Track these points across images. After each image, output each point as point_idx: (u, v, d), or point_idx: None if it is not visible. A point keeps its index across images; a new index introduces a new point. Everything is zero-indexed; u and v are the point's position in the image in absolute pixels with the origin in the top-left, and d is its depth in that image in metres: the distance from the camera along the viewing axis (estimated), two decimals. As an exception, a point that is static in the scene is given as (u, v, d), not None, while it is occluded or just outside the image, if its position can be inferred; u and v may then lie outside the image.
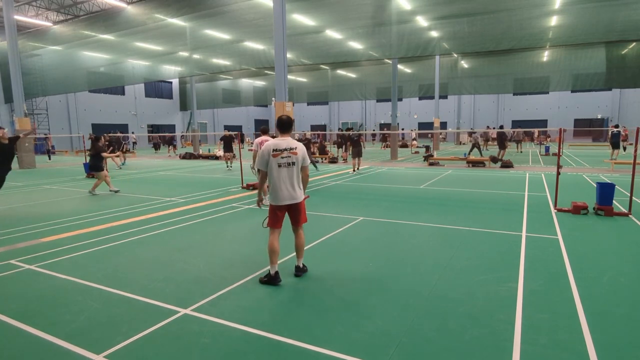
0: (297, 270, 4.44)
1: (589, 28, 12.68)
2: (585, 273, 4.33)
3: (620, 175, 12.30)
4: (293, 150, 4.14)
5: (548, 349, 2.86)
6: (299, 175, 4.24)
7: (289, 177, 4.15)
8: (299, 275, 4.39)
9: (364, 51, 16.47)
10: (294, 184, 4.18)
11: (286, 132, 4.27)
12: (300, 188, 4.28)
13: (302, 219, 4.35)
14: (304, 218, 4.37)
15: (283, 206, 4.22)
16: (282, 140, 4.17)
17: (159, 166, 18.70)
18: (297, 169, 4.19)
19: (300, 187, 4.26)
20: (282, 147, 4.12)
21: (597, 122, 39.67)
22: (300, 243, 4.40)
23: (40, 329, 3.27)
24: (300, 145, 4.23)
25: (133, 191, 10.76)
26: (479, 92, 28.05)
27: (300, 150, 4.19)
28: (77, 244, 5.70)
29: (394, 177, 13.19)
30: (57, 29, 21.08)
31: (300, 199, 4.26)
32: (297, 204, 4.26)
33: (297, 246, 4.43)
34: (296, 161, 4.16)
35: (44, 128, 31.51)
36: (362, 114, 51.56)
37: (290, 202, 4.20)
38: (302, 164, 4.24)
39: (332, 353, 2.83)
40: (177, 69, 20.86)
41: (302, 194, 4.29)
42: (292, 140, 4.22)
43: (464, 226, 6.43)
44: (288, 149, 4.13)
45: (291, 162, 4.14)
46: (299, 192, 4.25)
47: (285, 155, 4.12)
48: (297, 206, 4.27)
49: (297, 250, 4.44)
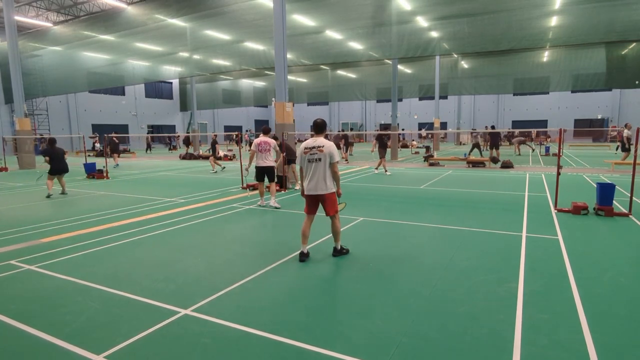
0: (334, 251, 5.03)
1: (589, 28, 12.68)
2: (586, 273, 4.33)
3: (620, 175, 12.30)
4: (320, 148, 4.72)
5: (548, 349, 2.86)
6: (327, 171, 4.74)
7: (316, 171, 4.74)
8: (335, 256, 5.00)
9: (364, 51, 16.48)
10: (319, 177, 4.73)
11: (319, 132, 4.89)
12: (327, 182, 4.76)
13: (331, 209, 4.84)
14: (333, 209, 4.84)
15: (311, 196, 4.85)
16: (313, 140, 4.81)
17: (159, 166, 18.71)
18: (323, 165, 4.72)
19: (327, 182, 4.76)
20: (312, 145, 4.76)
21: (597, 122, 39.65)
22: (333, 230, 4.96)
23: (40, 329, 3.27)
24: (327, 144, 4.75)
25: (133, 191, 10.77)
26: (479, 92, 28.05)
27: (326, 148, 4.71)
28: (77, 244, 5.70)
29: (394, 177, 13.19)
30: (57, 30, 21.09)
31: (325, 192, 4.76)
32: (323, 195, 4.78)
33: (332, 232, 5.01)
34: (322, 157, 4.71)
35: (44, 128, 31.52)
36: (362, 115, 51.56)
37: (315, 193, 4.78)
38: (330, 161, 4.73)
39: (332, 353, 2.83)
40: (177, 69, 20.88)
41: (329, 188, 4.78)
42: (322, 140, 4.80)
43: (464, 226, 6.43)
44: (316, 147, 4.73)
45: (317, 159, 4.73)
46: (325, 186, 4.75)
47: (313, 152, 4.73)
48: (322, 198, 4.79)
49: (333, 235, 5.01)
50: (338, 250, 5.03)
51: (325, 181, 4.74)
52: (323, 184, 4.75)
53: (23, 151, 18.25)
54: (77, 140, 33.23)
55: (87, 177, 14.10)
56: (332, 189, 4.81)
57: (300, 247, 4.92)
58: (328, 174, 4.75)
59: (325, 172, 4.74)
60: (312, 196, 4.83)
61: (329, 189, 4.77)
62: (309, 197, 4.87)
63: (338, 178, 4.85)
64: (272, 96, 27.11)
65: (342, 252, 5.06)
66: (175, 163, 20.64)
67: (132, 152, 28.22)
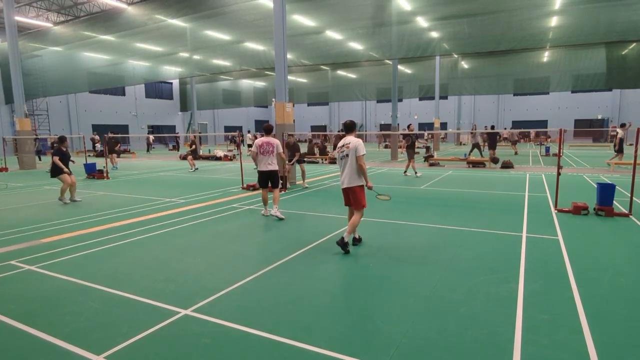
0: (340, 240, 5.16)
1: (589, 29, 12.69)
2: (586, 273, 4.33)
3: (620, 175, 12.30)
4: (347, 145, 5.18)
5: (548, 350, 2.86)
6: (353, 166, 5.14)
7: (344, 166, 5.24)
8: (355, 245, 5.41)
9: (364, 52, 16.48)
10: (347, 172, 5.19)
11: (349, 132, 5.31)
12: (353, 177, 5.14)
13: (355, 203, 5.22)
14: (357, 203, 5.20)
15: (343, 189, 5.33)
16: (343, 139, 5.29)
17: (159, 167, 18.71)
18: (350, 161, 5.14)
19: (353, 176, 5.15)
20: (342, 143, 5.26)
21: (598, 122, 39.65)
22: (351, 221, 5.24)
23: (41, 329, 3.27)
24: (354, 141, 5.16)
25: (133, 192, 10.77)
26: (479, 92, 28.04)
27: (352, 144, 5.13)
28: (78, 245, 5.70)
29: (394, 177, 13.18)
30: (57, 30, 21.10)
31: (351, 185, 5.18)
32: (350, 189, 5.21)
33: (348, 222, 5.30)
34: (349, 154, 5.13)
35: (44, 129, 31.53)
36: (363, 115, 51.57)
37: (344, 186, 5.28)
38: (356, 154, 5.09)
39: (332, 354, 2.83)
40: (178, 69, 20.89)
41: (354, 182, 5.15)
42: (350, 138, 5.24)
43: (464, 227, 6.43)
44: (345, 144, 5.21)
45: (346, 155, 5.19)
46: (352, 180, 5.16)
47: (343, 150, 5.22)
48: (351, 191, 5.21)
49: (348, 225, 5.26)
50: (345, 242, 5.08)
51: (352, 175, 5.16)
52: (349, 179, 5.18)
53: (23, 151, 18.26)
54: (78, 140, 33.24)
55: (88, 177, 14.10)
56: (358, 183, 5.18)
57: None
58: (354, 169, 5.14)
59: (352, 167, 5.14)
60: (344, 190, 5.31)
61: (354, 183, 5.17)
62: (343, 191, 5.36)
63: (364, 171, 5.14)
64: (272, 96, 27.13)
65: (345, 244, 5.10)
66: (175, 163, 20.64)
67: (132, 153, 28.22)
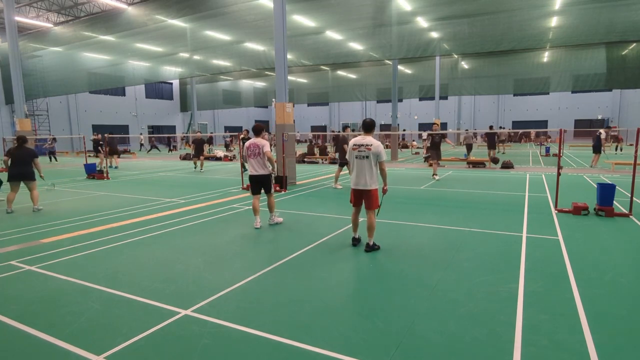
0: (366, 247, 5.18)
1: (589, 29, 12.68)
2: (586, 274, 4.33)
3: (620, 175, 12.29)
4: (368, 146, 5.02)
5: (549, 350, 2.86)
6: (372, 168, 5.04)
7: (362, 167, 5.07)
8: (368, 251, 5.14)
9: (364, 52, 16.48)
10: (365, 173, 5.05)
11: (368, 131, 5.18)
12: (372, 179, 5.05)
13: (370, 205, 5.12)
14: (374, 204, 5.12)
15: (356, 190, 5.19)
16: (362, 138, 5.12)
17: (159, 167, 18.72)
18: (369, 162, 5.02)
19: (372, 178, 5.05)
20: (360, 143, 5.07)
21: (598, 122, 39.64)
22: (368, 224, 5.16)
23: (41, 330, 3.27)
24: (376, 143, 5.02)
25: (133, 192, 10.77)
26: (480, 92, 28.05)
27: (374, 147, 5.00)
28: (78, 245, 5.70)
29: (394, 178, 13.18)
30: (57, 30, 21.11)
31: (369, 187, 5.07)
32: (367, 190, 5.09)
33: (367, 227, 5.20)
34: (370, 155, 5.01)
35: (44, 129, 31.54)
36: (363, 115, 51.54)
37: (359, 187, 5.13)
38: (378, 159, 5.02)
39: (333, 354, 2.83)
40: (178, 70, 20.88)
41: (373, 184, 5.07)
42: (371, 139, 5.10)
43: (464, 227, 6.43)
44: (364, 144, 5.04)
45: (365, 156, 5.04)
46: (370, 182, 5.05)
47: (362, 150, 5.04)
48: (367, 193, 5.11)
49: (367, 230, 5.19)
50: (370, 246, 5.17)
51: (371, 178, 5.06)
52: (368, 180, 5.06)
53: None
54: (78, 140, 33.26)
55: (88, 178, 14.11)
56: (375, 185, 5.11)
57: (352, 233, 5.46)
58: (374, 171, 5.06)
59: (372, 169, 5.04)
60: (357, 190, 5.18)
61: (373, 185, 5.08)
62: (355, 191, 5.22)
63: (385, 175, 5.15)
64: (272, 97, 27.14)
65: (374, 248, 5.19)
66: (175, 163, 20.65)
67: (132, 153, 28.22)
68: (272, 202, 6.73)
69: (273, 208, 6.76)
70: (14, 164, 8.19)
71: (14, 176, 8.18)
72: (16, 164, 8.17)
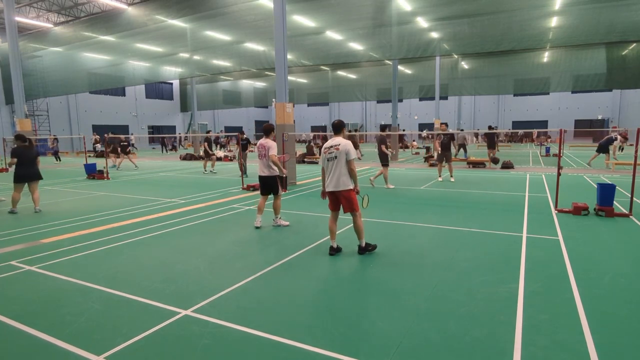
0: (359, 249, 5.10)
1: (589, 29, 12.68)
2: (586, 274, 4.33)
3: (620, 176, 12.29)
4: (336, 147, 4.93)
5: (549, 350, 2.86)
6: (342, 168, 4.91)
7: (332, 169, 4.97)
8: (361, 254, 5.06)
9: (364, 52, 16.49)
10: (336, 175, 4.93)
11: (337, 133, 5.09)
12: (343, 180, 4.92)
13: (350, 207, 4.97)
14: (350, 207, 4.96)
15: (331, 193, 5.05)
16: (332, 140, 5.04)
17: (159, 167, 18.71)
18: (339, 163, 4.91)
19: (342, 179, 4.92)
20: (330, 144, 5.00)
21: (598, 122, 39.65)
22: (354, 227, 5.06)
23: (41, 330, 3.27)
24: (343, 143, 4.93)
25: (133, 192, 10.77)
26: (480, 93, 28.06)
27: (342, 146, 4.90)
28: (78, 245, 5.70)
29: (394, 178, 13.18)
30: (57, 31, 21.12)
31: (341, 188, 4.93)
32: (340, 192, 4.95)
33: (354, 230, 5.09)
34: (338, 155, 4.90)
35: (44, 129, 31.55)
36: (363, 115, 51.60)
37: (332, 189, 4.98)
38: (346, 158, 4.89)
39: (333, 354, 2.83)
40: (178, 70, 20.89)
41: (344, 185, 4.92)
42: (339, 139, 5.00)
43: (464, 227, 6.42)
44: (333, 145, 4.96)
45: (334, 157, 4.94)
46: (341, 183, 4.91)
47: (331, 151, 4.96)
48: (341, 195, 4.96)
49: (355, 233, 5.09)
50: (363, 247, 5.10)
51: (341, 178, 4.93)
52: (339, 182, 4.94)
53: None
54: (78, 140, 33.26)
55: (88, 178, 14.11)
56: (348, 186, 4.96)
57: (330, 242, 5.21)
58: (344, 171, 4.92)
59: (341, 169, 4.92)
60: (332, 193, 5.04)
61: (344, 186, 4.94)
62: (330, 194, 5.08)
63: (355, 175, 4.97)
64: (272, 97, 27.13)
65: (368, 249, 5.12)
66: (175, 164, 20.65)
67: (132, 153, 28.17)
68: (276, 205, 6.68)
69: (278, 210, 6.71)
70: (22, 165, 7.99)
71: (23, 177, 8.03)
72: (25, 164, 8.01)
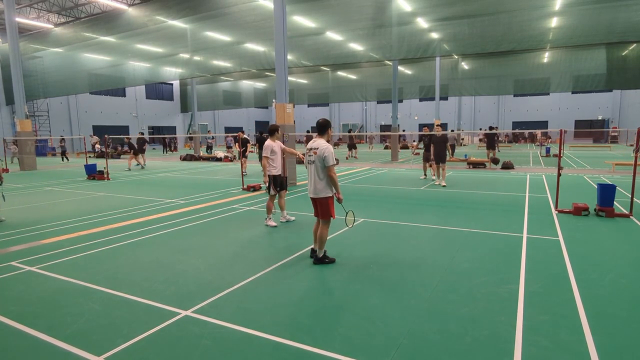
0: (315, 258, 4.75)
1: (589, 29, 12.68)
2: (587, 274, 4.33)
3: (621, 176, 12.29)
4: (314, 150, 4.56)
5: (549, 351, 2.85)
6: (319, 174, 4.55)
7: (310, 173, 4.65)
8: (316, 263, 4.70)
9: (364, 53, 16.49)
10: (314, 180, 4.59)
11: (321, 133, 4.69)
12: (318, 186, 4.57)
13: (322, 214, 4.66)
14: (324, 214, 4.64)
15: (310, 198, 4.72)
16: (313, 141, 4.66)
17: (159, 168, 18.72)
18: (316, 167, 4.54)
19: (317, 185, 4.57)
20: (310, 147, 4.64)
21: (598, 123, 39.64)
22: (318, 234, 4.71)
23: (41, 330, 3.27)
24: (322, 147, 4.53)
25: (134, 193, 10.77)
26: (480, 93, 28.05)
27: (319, 151, 4.51)
28: (78, 246, 5.70)
29: (394, 178, 13.19)
30: (58, 31, 21.14)
31: (318, 195, 4.59)
32: (317, 199, 4.62)
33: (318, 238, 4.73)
34: (316, 160, 4.54)
35: (45, 130, 31.56)
36: (363, 116, 51.60)
37: (311, 195, 4.68)
38: (324, 164, 4.50)
39: (333, 355, 2.83)
40: (178, 70, 20.89)
41: (319, 192, 4.58)
42: (320, 141, 4.59)
43: (464, 227, 6.42)
44: (312, 148, 4.60)
45: (311, 161, 4.60)
46: (319, 190, 4.57)
47: (310, 154, 4.62)
48: (317, 201, 4.65)
49: (317, 239, 4.76)
50: (319, 258, 4.71)
51: (317, 185, 4.56)
52: (315, 188, 4.59)
53: (24, 152, 18.28)
54: (78, 141, 33.26)
55: (88, 178, 14.11)
56: (323, 193, 4.56)
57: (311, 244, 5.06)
58: (320, 177, 4.53)
59: (318, 175, 4.54)
60: (312, 198, 4.74)
61: (319, 193, 4.57)
62: (311, 199, 4.76)
63: (335, 182, 4.52)
64: (272, 97, 27.13)
65: (324, 261, 4.71)
66: (175, 164, 20.65)
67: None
68: (280, 202, 7.00)
69: (282, 207, 7.05)
70: None
71: None
72: None
